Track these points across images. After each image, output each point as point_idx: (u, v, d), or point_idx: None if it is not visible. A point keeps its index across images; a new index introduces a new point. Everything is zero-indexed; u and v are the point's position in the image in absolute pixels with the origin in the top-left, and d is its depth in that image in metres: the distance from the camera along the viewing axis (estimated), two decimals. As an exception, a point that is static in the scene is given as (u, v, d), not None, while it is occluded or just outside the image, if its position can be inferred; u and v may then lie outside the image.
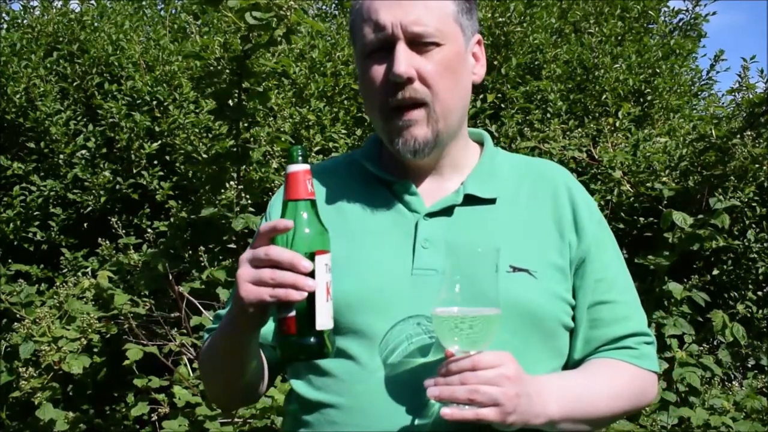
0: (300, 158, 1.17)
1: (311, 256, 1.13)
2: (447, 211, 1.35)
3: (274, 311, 1.17)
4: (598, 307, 1.35)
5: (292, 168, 1.16)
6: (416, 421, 1.22)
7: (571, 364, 1.36)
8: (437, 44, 1.30)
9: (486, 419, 1.12)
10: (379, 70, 1.31)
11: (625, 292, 1.40)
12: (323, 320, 1.14)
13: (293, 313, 1.13)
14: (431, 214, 1.34)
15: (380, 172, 1.39)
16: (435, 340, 1.23)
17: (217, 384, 1.42)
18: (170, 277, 3.08)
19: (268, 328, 1.39)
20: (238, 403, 1.54)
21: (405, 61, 1.28)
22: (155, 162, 3.76)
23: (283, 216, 1.16)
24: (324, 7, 4.84)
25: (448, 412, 1.12)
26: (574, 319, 1.35)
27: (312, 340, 1.14)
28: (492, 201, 1.36)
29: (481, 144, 1.46)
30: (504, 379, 1.14)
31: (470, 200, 1.35)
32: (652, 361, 1.38)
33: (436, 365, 1.18)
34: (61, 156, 3.77)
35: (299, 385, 1.33)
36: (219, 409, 2.82)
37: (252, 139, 3.29)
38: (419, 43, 1.29)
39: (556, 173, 1.44)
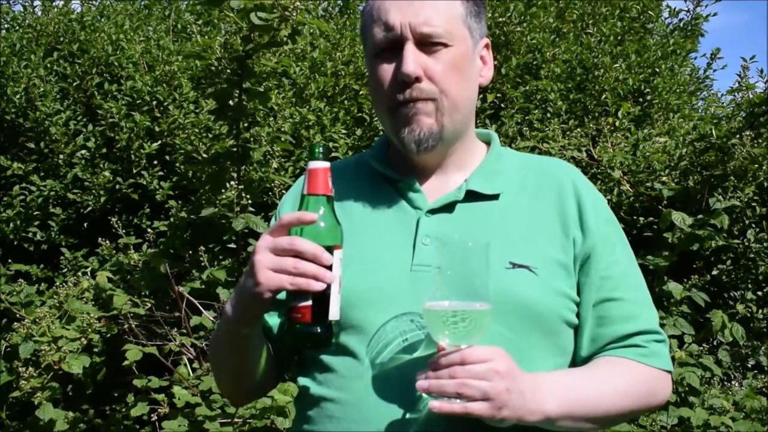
0: (321, 155, 1.21)
1: (329, 250, 1.18)
2: (448, 208, 1.36)
3: (284, 300, 1.21)
4: (605, 305, 1.34)
5: (314, 164, 1.21)
6: (408, 416, 1.23)
7: (578, 362, 1.35)
8: (445, 45, 1.32)
9: (474, 413, 1.12)
10: (388, 69, 1.33)
11: (633, 289, 1.38)
12: (335, 311, 1.20)
13: (309, 302, 1.18)
14: (433, 211, 1.35)
15: (386, 170, 1.41)
16: (428, 336, 1.23)
17: (224, 376, 1.44)
18: (170, 277, 3.08)
19: (275, 323, 1.41)
20: (247, 396, 1.54)
21: (413, 60, 1.30)
22: (155, 162, 3.76)
23: (300, 209, 1.20)
24: (330, 8, 4.83)
25: (437, 404, 1.12)
26: (579, 316, 1.35)
27: (323, 329, 1.20)
28: (495, 197, 1.37)
29: (489, 144, 1.47)
30: (493, 374, 1.13)
31: (472, 196, 1.36)
32: (662, 359, 1.36)
33: (428, 360, 1.18)
34: (61, 156, 3.77)
35: (304, 382, 1.35)
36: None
37: (252, 139, 3.29)
38: (427, 44, 1.31)
39: (563, 170, 1.43)
